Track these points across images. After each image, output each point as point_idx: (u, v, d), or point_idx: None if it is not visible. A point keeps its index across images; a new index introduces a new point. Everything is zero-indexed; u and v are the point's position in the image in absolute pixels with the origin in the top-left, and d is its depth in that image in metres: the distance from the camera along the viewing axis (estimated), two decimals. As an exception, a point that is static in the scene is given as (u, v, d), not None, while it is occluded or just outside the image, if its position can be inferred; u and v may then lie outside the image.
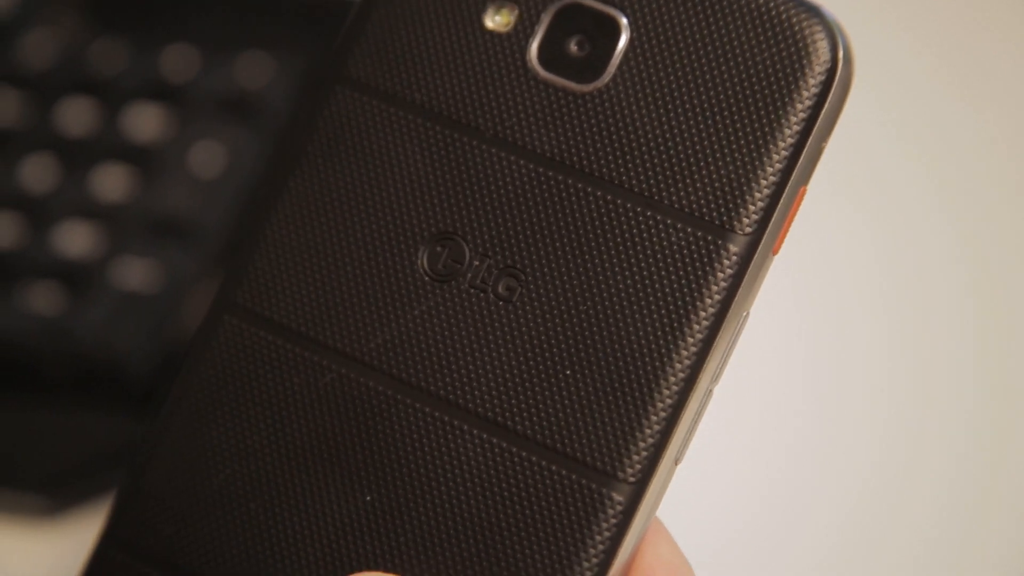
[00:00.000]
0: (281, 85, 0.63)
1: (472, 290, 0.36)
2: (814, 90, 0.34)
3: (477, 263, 0.36)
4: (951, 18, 0.65)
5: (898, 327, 0.58)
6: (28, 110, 0.64)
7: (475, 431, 0.35)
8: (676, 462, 0.35)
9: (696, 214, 0.34)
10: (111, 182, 0.62)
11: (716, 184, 0.34)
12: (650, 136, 0.35)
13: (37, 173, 0.63)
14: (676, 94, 0.35)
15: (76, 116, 0.64)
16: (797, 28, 0.34)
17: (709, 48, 0.35)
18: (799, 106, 0.34)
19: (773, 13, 0.35)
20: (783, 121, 0.34)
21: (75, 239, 0.61)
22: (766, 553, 0.53)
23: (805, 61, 0.34)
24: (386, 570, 0.35)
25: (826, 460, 0.55)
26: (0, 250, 0.61)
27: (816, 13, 0.34)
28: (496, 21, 0.37)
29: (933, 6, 0.65)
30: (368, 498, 0.35)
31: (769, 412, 0.53)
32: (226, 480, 0.36)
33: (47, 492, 0.57)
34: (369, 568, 0.35)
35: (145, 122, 0.63)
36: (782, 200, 0.34)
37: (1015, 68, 0.64)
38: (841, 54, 0.34)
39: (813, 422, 0.56)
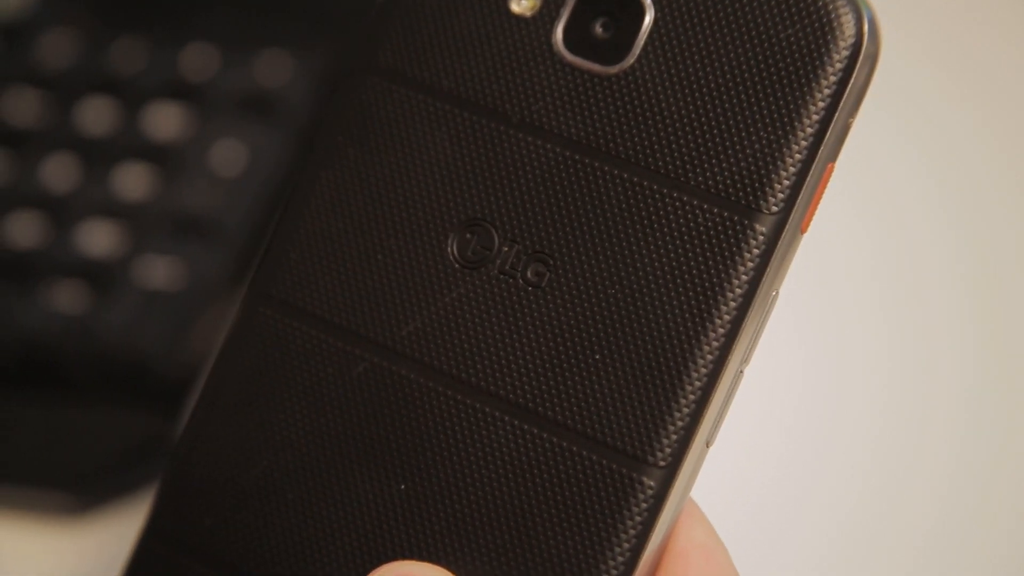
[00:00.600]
0: (300, 83, 0.63)
1: (501, 276, 0.36)
2: (839, 65, 0.34)
3: (506, 249, 0.36)
4: (950, 19, 0.65)
5: (932, 307, 0.58)
6: (48, 110, 0.64)
7: (506, 418, 0.35)
8: (707, 445, 0.35)
9: (723, 194, 0.34)
10: (132, 181, 0.62)
11: (743, 163, 0.34)
12: (676, 116, 0.35)
13: (58, 173, 0.63)
14: (701, 73, 0.35)
15: (96, 116, 0.64)
16: (822, 4, 0.34)
17: (733, 25, 0.35)
18: (825, 82, 0.34)
19: None
20: (809, 97, 0.34)
21: (97, 238, 0.61)
22: (798, 532, 0.53)
23: (830, 36, 0.34)
24: (421, 558, 0.35)
25: (862, 439, 0.55)
26: (23, 249, 0.61)
27: None
28: (522, 5, 0.37)
29: (932, 8, 0.65)
30: (403, 486, 0.35)
31: (800, 392, 0.53)
32: (264, 471, 0.36)
33: (72, 490, 0.57)
34: (404, 557, 0.35)
35: (165, 121, 0.63)
36: (809, 178, 0.34)
37: (1016, 70, 0.64)
38: (867, 28, 0.34)
39: (846, 401, 0.56)
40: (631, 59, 0.36)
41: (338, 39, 0.64)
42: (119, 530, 0.57)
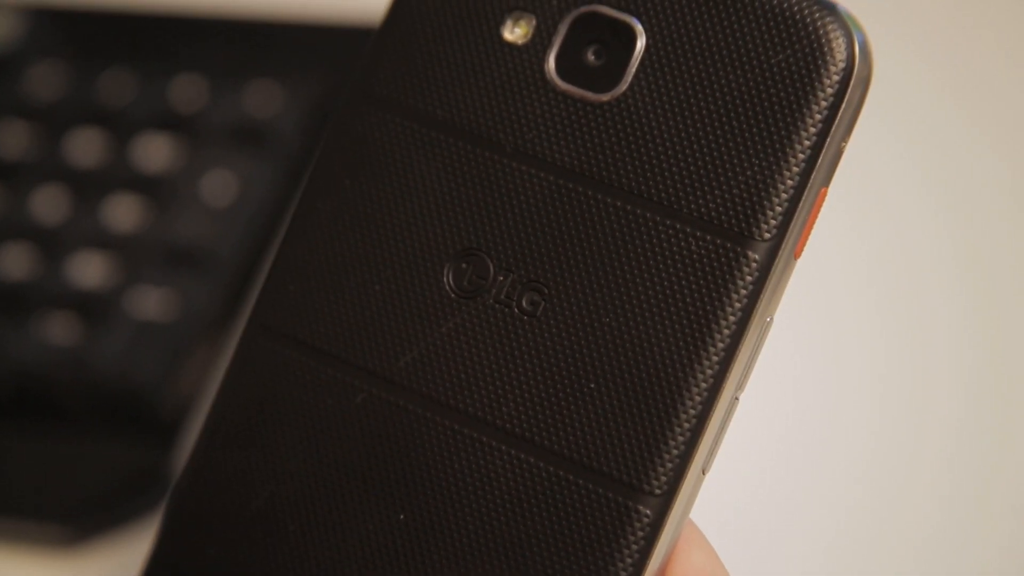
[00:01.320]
0: (291, 114, 0.63)
1: (497, 305, 0.36)
2: (831, 90, 0.34)
3: (501, 278, 0.36)
4: (948, 24, 0.65)
5: (931, 325, 0.58)
6: (37, 141, 0.64)
7: (503, 447, 0.35)
8: (703, 472, 0.35)
9: (716, 222, 0.34)
10: (123, 212, 0.62)
11: (736, 190, 0.34)
12: (668, 144, 0.35)
13: (49, 204, 0.63)
14: (693, 99, 0.35)
15: (86, 147, 0.64)
16: (812, 27, 0.34)
17: (725, 51, 0.35)
18: (817, 107, 0.34)
19: (788, 13, 0.34)
20: (801, 123, 0.34)
21: (89, 269, 0.61)
22: (793, 554, 0.53)
23: (821, 60, 0.34)
24: None
25: (858, 461, 0.55)
26: (15, 281, 0.61)
27: (832, 10, 0.34)
28: (515, 33, 0.37)
29: (930, 14, 0.65)
30: (401, 516, 0.36)
31: (797, 416, 0.53)
32: (266, 502, 0.36)
33: (66, 521, 0.57)
34: None
35: (155, 152, 0.63)
36: (802, 204, 0.34)
37: (1014, 78, 0.65)
38: (858, 51, 0.34)
39: (846, 425, 0.56)
40: (623, 86, 0.36)
41: (328, 70, 0.64)
42: (113, 561, 0.57)
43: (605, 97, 0.36)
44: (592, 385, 0.35)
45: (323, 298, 0.37)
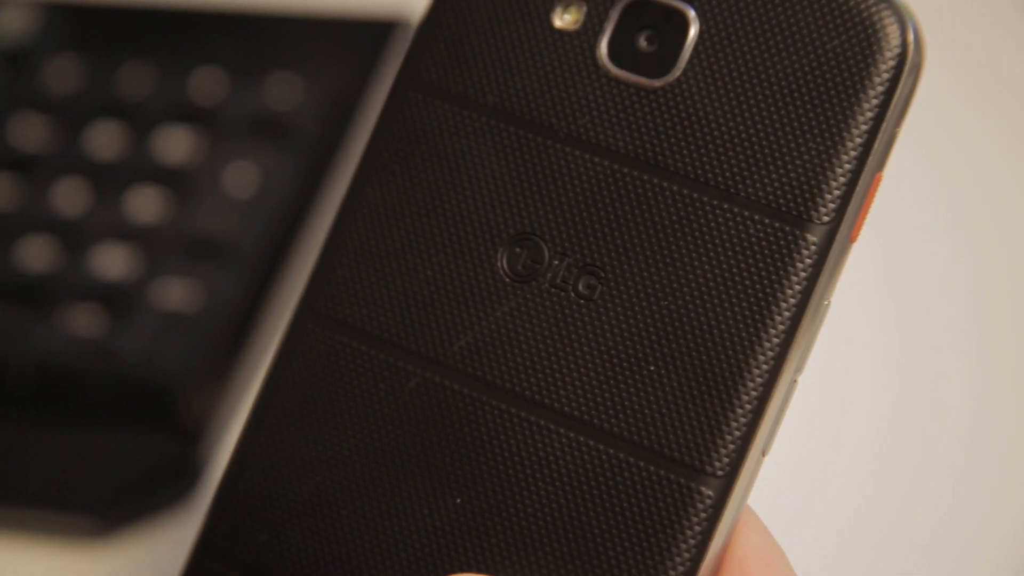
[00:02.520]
0: (310, 105, 0.63)
1: (552, 289, 0.36)
2: (885, 76, 0.34)
3: (556, 262, 0.36)
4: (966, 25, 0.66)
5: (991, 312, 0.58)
6: (56, 135, 0.64)
7: (562, 430, 0.35)
8: (763, 454, 0.35)
9: (774, 205, 0.35)
10: (144, 204, 0.62)
11: (792, 175, 0.35)
12: (723, 129, 0.35)
13: (69, 197, 0.63)
14: (748, 85, 0.35)
15: (105, 140, 0.64)
16: (867, 14, 0.34)
17: (779, 37, 0.35)
18: (871, 92, 0.34)
19: (841, 7, 0.35)
20: (856, 109, 0.34)
21: (112, 261, 0.61)
22: (859, 540, 0.53)
23: (876, 47, 0.34)
24: (479, 572, 0.35)
25: (924, 446, 0.55)
26: (37, 274, 0.61)
27: (883, 6, 0.34)
28: (564, 19, 0.37)
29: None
30: (458, 500, 0.36)
31: (856, 400, 0.53)
32: (317, 487, 0.36)
33: (93, 512, 0.57)
34: (463, 571, 0.35)
35: (175, 144, 0.64)
36: (858, 188, 0.34)
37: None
38: (912, 38, 0.34)
39: (904, 408, 0.56)
40: (676, 72, 0.36)
41: (347, 62, 0.64)
42: (141, 550, 0.57)
43: (658, 83, 0.36)
44: (652, 368, 0.35)
45: (374, 282, 0.37)
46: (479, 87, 0.37)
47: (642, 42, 0.36)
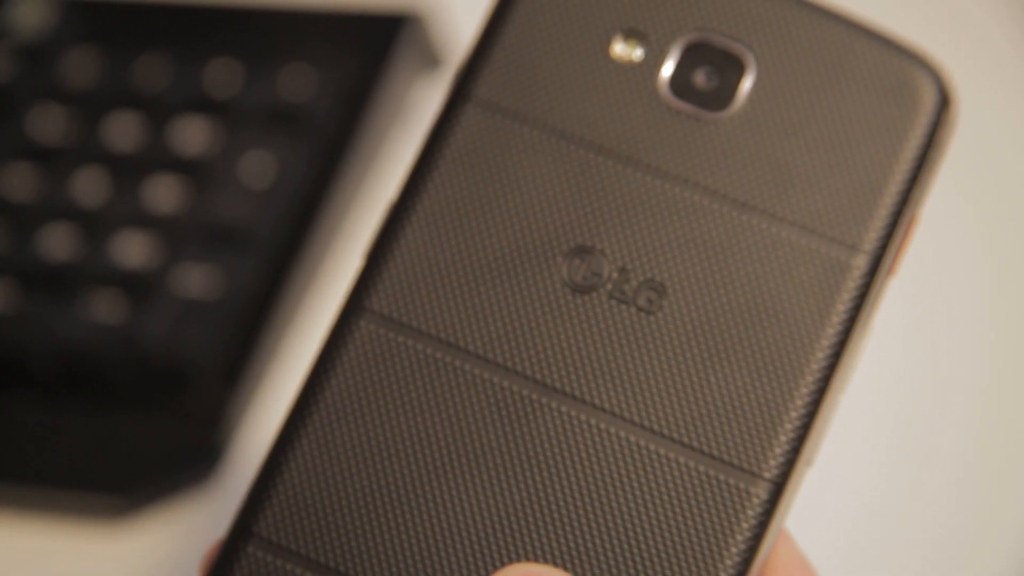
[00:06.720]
0: (324, 97, 0.64)
1: (612, 301, 0.37)
2: (923, 130, 0.38)
3: (616, 275, 0.37)
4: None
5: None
6: (75, 126, 0.66)
7: (621, 433, 0.37)
8: (808, 464, 0.37)
9: (822, 233, 0.37)
10: (163, 193, 0.64)
11: (838, 208, 0.37)
12: (777, 161, 0.38)
13: (89, 186, 0.64)
14: (800, 127, 0.38)
15: (123, 131, 0.65)
16: (907, 76, 0.38)
17: (830, 88, 0.38)
18: (911, 144, 0.38)
19: (886, 62, 0.38)
20: (898, 159, 0.38)
21: (132, 249, 0.62)
22: (859, 540, 0.54)
23: (915, 106, 0.38)
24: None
25: (925, 446, 0.57)
26: (60, 262, 0.62)
27: (922, 62, 0.38)
28: (624, 51, 0.39)
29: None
30: (513, 498, 0.37)
31: (856, 399, 0.54)
32: (370, 481, 0.37)
33: (118, 493, 0.58)
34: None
35: (192, 135, 0.65)
36: (898, 226, 0.37)
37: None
38: (947, 98, 0.38)
39: (905, 409, 0.57)
40: (733, 108, 0.38)
41: (360, 54, 0.65)
42: (163, 530, 0.58)
43: (715, 115, 0.38)
44: (709, 378, 0.37)
45: (429, 283, 0.38)
46: (538, 107, 0.38)
47: (700, 78, 0.38)
